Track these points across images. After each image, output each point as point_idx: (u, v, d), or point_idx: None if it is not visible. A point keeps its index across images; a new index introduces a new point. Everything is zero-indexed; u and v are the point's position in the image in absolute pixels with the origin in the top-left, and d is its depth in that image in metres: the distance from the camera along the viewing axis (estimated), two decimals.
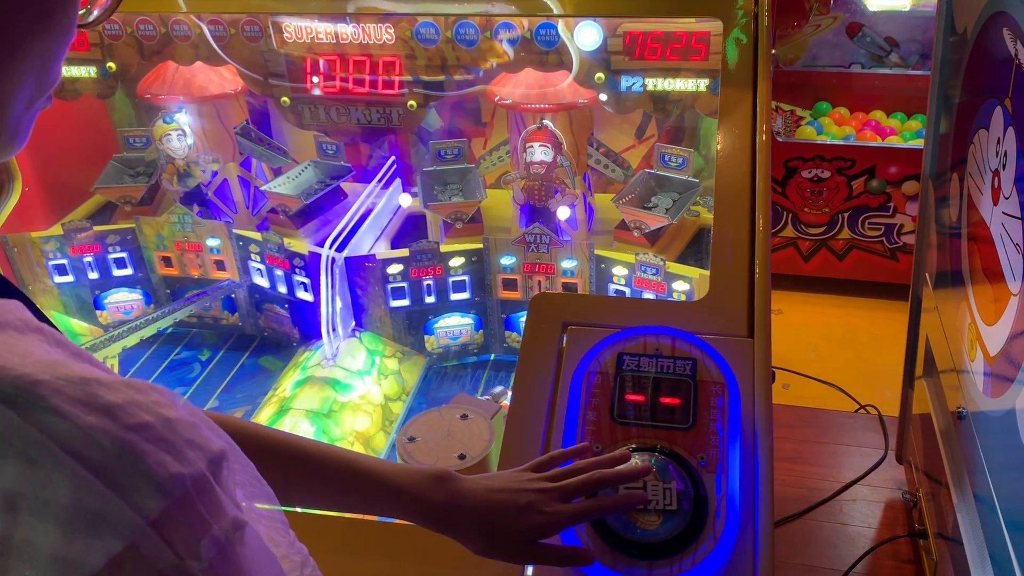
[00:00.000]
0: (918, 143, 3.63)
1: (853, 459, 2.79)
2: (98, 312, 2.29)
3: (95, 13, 0.71)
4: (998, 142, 1.69)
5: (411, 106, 2.01)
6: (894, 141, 3.70)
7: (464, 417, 1.51)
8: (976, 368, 1.80)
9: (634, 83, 1.91)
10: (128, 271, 2.26)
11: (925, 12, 4.13)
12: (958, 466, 1.98)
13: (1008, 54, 1.61)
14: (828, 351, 3.50)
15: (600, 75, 1.90)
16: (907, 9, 4.19)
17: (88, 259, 2.23)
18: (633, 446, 1.18)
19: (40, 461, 0.47)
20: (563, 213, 2.08)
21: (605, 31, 1.86)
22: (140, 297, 2.30)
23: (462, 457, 1.38)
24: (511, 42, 1.91)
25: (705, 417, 1.19)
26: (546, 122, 2.00)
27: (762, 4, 1.72)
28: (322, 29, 1.97)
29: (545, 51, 1.91)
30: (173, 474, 0.50)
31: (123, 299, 2.29)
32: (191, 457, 0.52)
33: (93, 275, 2.25)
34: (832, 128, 3.82)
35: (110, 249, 2.23)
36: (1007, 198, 1.63)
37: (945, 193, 2.12)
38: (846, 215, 3.64)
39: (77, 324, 2.28)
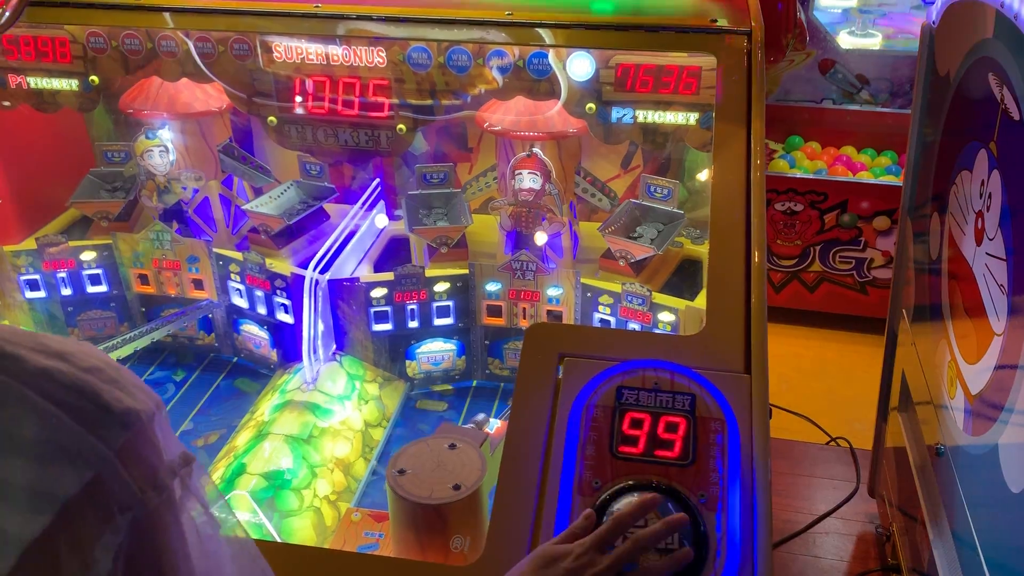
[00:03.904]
0: (889, 179, 3.70)
1: (825, 492, 2.81)
2: (70, 329, 2.23)
3: (6, 15, 0.76)
4: (982, 184, 1.72)
5: (400, 130, 2.00)
6: (865, 176, 3.76)
7: (452, 447, 1.49)
8: (956, 405, 1.82)
9: (624, 114, 1.91)
10: (103, 288, 2.21)
11: (895, 52, 4.23)
12: (935, 502, 1.99)
13: (993, 98, 1.64)
14: (799, 382, 3.52)
15: (591, 105, 1.90)
16: (878, 48, 4.29)
17: (62, 275, 2.18)
18: (631, 482, 1.17)
19: (6, 401, 0.51)
20: (542, 239, 2.07)
21: (598, 62, 1.87)
22: (113, 315, 2.25)
23: (457, 488, 1.36)
24: (503, 69, 1.91)
25: (705, 454, 1.19)
26: (536, 150, 2.00)
27: (755, 41, 1.74)
28: (312, 50, 1.95)
29: (537, 80, 1.91)
30: (129, 408, 0.55)
31: (96, 316, 2.23)
32: (141, 397, 0.57)
33: (67, 291, 2.19)
34: (804, 162, 3.87)
35: (85, 265, 2.18)
36: (991, 239, 1.66)
37: (923, 230, 2.16)
38: (817, 248, 3.69)
39: None
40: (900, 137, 3.96)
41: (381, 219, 2.29)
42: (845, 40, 4.30)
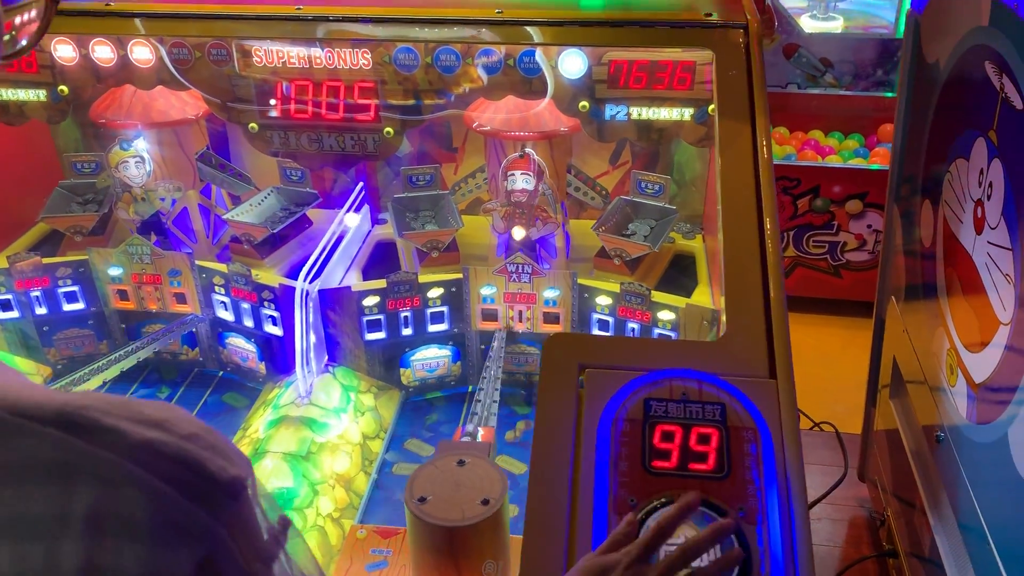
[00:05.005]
0: (859, 163, 3.72)
1: (814, 477, 2.81)
2: (46, 349, 2.15)
3: (22, 42, 0.71)
4: (981, 172, 1.72)
5: (387, 133, 1.95)
6: (834, 160, 3.78)
7: (462, 463, 1.44)
8: (958, 392, 1.82)
9: (618, 112, 1.88)
10: (80, 305, 2.13)
11: (856, 34, 4.26)
12: (934, 488, 2.00)
13: (991, 87, 1.64)
14: None
15: (584, 103, 1.87)
16: (839, 32, 4.31)
17: (36, 293, 2.08)
18: (663, 500, 1.14)
19: (115, 480, 0.48)
20: (537, 237, 2.04)
21: (590, 59, 1.83)
22: (92, 333, 2.16)
23: (486, 502, 1.32)
24: (493, 69, 1.87)
25: (739, 465, 1.17)
26: (529, 150, 1.96)
27: (752, 34, 1.71)
28: (294, 53, 1.89)
29: (528, 78, 1.87)
30: (234, 476, 0.52)
31: (74, 335, 2.15)
32: (239, 462, 0.54)
33: (41, 310, 2.10)
34: (774, 148, 3.88)
35: (60, 282, 2.09)
36: (993, 228, 1.66)
37: (912, 217, 2.16)
38: (791, 233, 3.70)
39: (23, 363, 2.14)
40: (866, 119, 4.02)
41: (352, 218, 2.20)
42: (807, 24, 4.32)
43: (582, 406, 1.28)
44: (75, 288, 2.11)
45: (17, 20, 0.71)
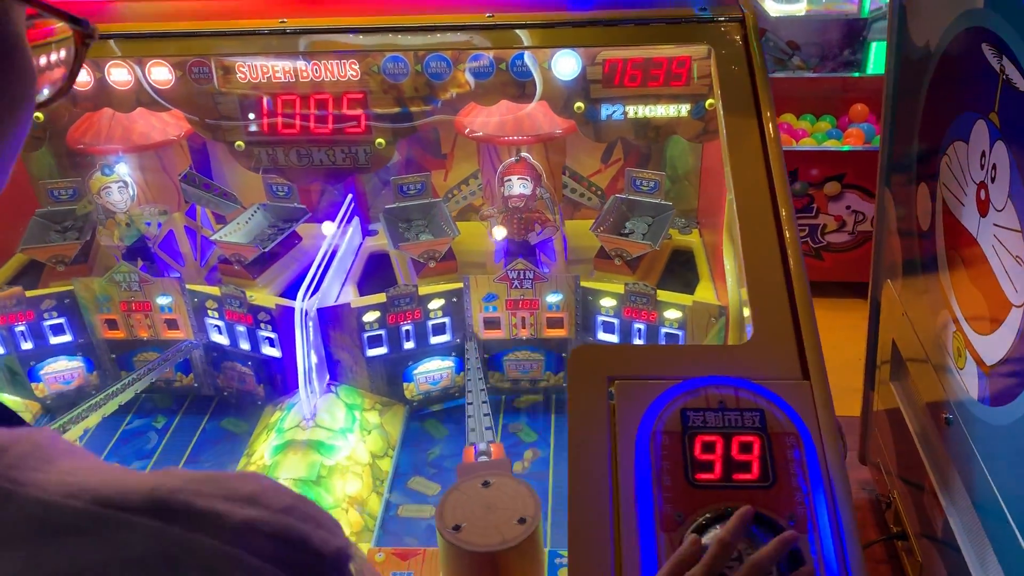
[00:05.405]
0: (833, 144, 3.73)
1: None
2: (34, 384, 2.07)
3: (45, 92, 0.66)
4: (983, 155, 1.71)
5: (379, 144, 1.90)
6: (808, 143, 3.79)
7: (487, 484, 1.41)
8: (967, 376, 1.82)
9: (614, 111, 1.85)
10: (67, 337, 2.06)
11: (820, 16, 4.26)
12: (944, 470, 2.01)
13: (990, 69, 1.63)
14: None
15: (580, 104, 1.84)
16: (803, 14, 4.32)
17: (20, 328, 2.01)
18: (709, 515, 1.11)
19: (220, 568, 0.45)
20: (536, 242, 2.00)
21: (584, 59, 1.80)
22: (82, 364, 2.09)
23: (523, 521, 1.29)
24: (485, 74, 1.83)
25: (784, 472, 1.15)
26: (524, 154, 1.93)
27: (749, 27, 1.69)
28: (280, 67, 1.83)
29: (521, 81, 1.83)
30: (337, 547, 0.49)
31: (62, 368, 2.08)
32: (335, 529, 0.51)
33: (27, 345, 2.03)
34: None
35: (45, 315, 2.02)
36: (1000, 210, 1.66)
37: (907, 200, 2.16)
38: None
39: (9, 400, 2.06)
40: (836, 100, 4.03)
41: (343, 232, 2.13)
42: (772, 8, 4.32)
43: (614, 418, 1.25)
44: (61, 320, 2.03)
45: (43, 60, 0.66)
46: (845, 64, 4.12)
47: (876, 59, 3.89)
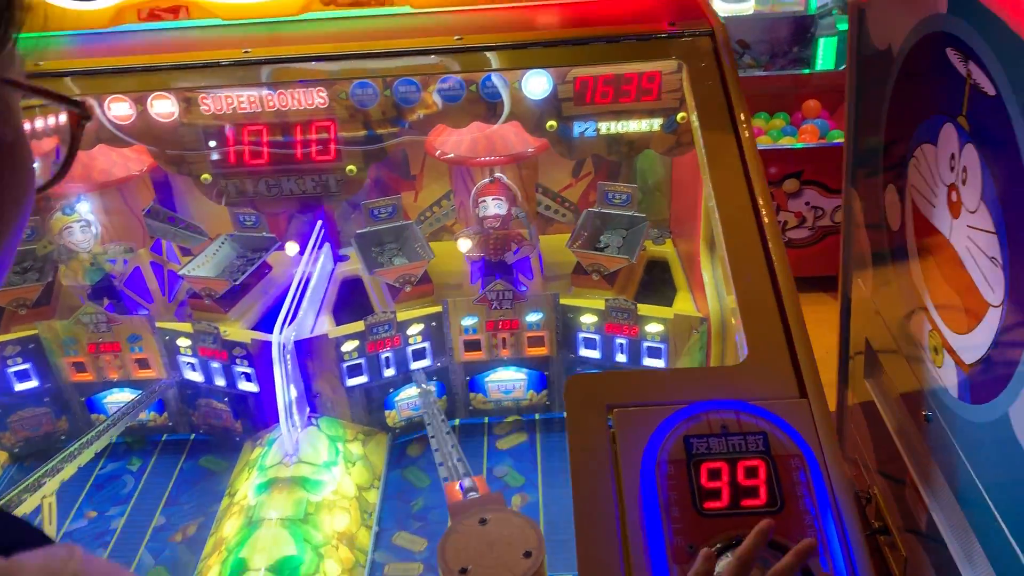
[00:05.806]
0: (789, 141, 3.77)
1: None
2: (0, 433, 2.00)
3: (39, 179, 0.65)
4: (952, 157, 1.73)
5: (351, 171, 1.87)
6: (765, 142, 3.82)
7: (483, 522, 1.39)
8: (946, 374, 1.84)
9: (587, 128, 1.84)
10: (33, 383, 1.99)
11: (766, 15, 4.30)
12: (925, 466, 2.03)
13: (955, 73, 1.65)
14: None
15: (552, 123, 1.82)
16: (750, 13, 4.36)
17: None
18: (719, 545, 1.11)
19: None
20: (513, 262, 1.98)
21: (554, 78, 1.79)
22: (49, 410, 2.03)
23: (528, 554, 1.27)
24: (454, 97, 1.80)
25: (792, 495, 1.14)
26: (499, 175, 1.91)
27: (719, 41, 1.69)
28: (244, 97, 1.79)
29: (491, 102, 1.82)
30: None
31: (29, 415, 2.01)
32: None
33: None
34: None
35: (9, 362, 1.95)
36: (972, 212, 1.68)
37: (874, 202, 2.18)
38: None
39: None
40: (788, 97, 4.07)
41: (291, 247, 2.08)
42: (720, 7, 4.35)
43: (615, 446, 1.24)
44: (26, 366, 1.97)
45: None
46: (795, 61, 4.17)
47: (825, 55, 3.94)
